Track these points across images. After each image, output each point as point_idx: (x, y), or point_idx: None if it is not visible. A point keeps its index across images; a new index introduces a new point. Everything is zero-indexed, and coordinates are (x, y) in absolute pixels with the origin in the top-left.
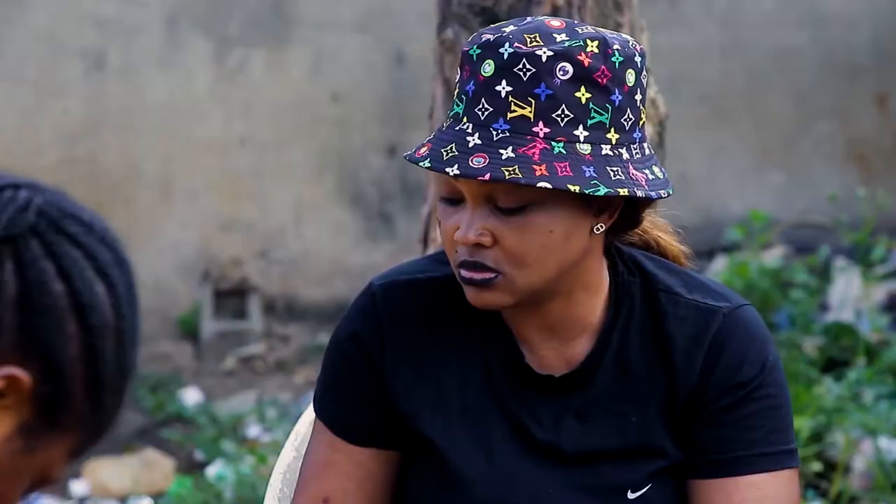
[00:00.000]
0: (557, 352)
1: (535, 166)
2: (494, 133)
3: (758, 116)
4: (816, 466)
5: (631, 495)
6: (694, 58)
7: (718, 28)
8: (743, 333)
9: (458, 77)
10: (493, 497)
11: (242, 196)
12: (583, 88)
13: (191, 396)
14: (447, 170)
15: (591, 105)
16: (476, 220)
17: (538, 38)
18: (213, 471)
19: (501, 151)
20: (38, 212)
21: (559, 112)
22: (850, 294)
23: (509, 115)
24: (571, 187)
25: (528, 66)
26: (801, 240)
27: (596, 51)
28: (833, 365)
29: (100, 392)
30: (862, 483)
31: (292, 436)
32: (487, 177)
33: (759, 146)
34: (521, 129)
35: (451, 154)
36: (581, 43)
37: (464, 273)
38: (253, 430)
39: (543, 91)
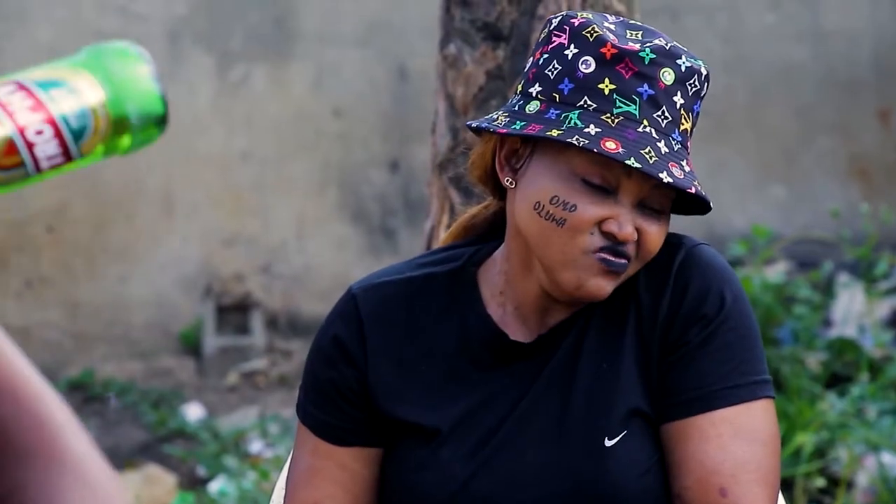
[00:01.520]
0: (546, 322)
1: (696, 183)
2: (673, 143)
3: (760, 131)
4: (820, 482)
5: (608, 442)
6: None
7: (720, 43)
8: (705, 267)
9: (590, 68)
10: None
11: (244, 211)
12: (700, 105)
13: (193, 412)
14: (661, 176)
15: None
16: (633, 216)
17: (687, 52)
18: (215, 486)
19: (682, 164)
20: None
21: (696, 127)
22: (853, 309)
23: (681, 127)
24: (711, 204)
25: (696, 82)
26: (803, 255)
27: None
28: (836, 380)
29: None
30: (865, 499)
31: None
32: (692, 191)
33: (761, 161)
34: (684, 142)
35: (654, 158)
36: (701, 61)
37: (608, 257)
38: (255, 446)
39: (697, 108)
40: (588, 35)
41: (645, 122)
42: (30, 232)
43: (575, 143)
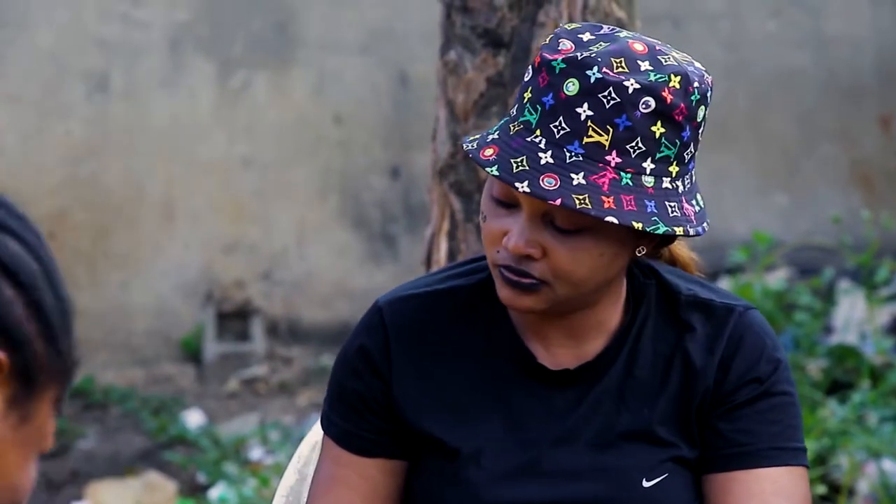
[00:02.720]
0: (573, 351)
1: (603, 197)
2: (568, 154)
3: (761, 138)
4: (821, 489)
5: (646, 483)
6: None
7: (722, 49)
8: (758, 330)
9: (528, 76)
10: (506, 495)
11: (245, 217)
12: (659, 123)
13: (193, 419)
14: (517, 185)
15: (663, 140)
16: (530, 232)
17: (624, 65)
18: (215, 493)
19: (573, 176)
20: None
21: (634, 144)
22: (854, 316)
23: (585, 140)
24: (635, 224)
25: (613, 94)
26: (804, 262)
27: (678, 87)
28: (837, 387)
29: (56, 338)
30: None
31: (295, 458)
32: (559, 202)
33: (762, 168)
34: (594, 155)
35: (521, 167)
36: (665, 78)
37: (506, 274)
38: (255, 453)
39: (623, 122)
40: (544, 43)
41: (538, 132)
42: None
43: (464, 146)
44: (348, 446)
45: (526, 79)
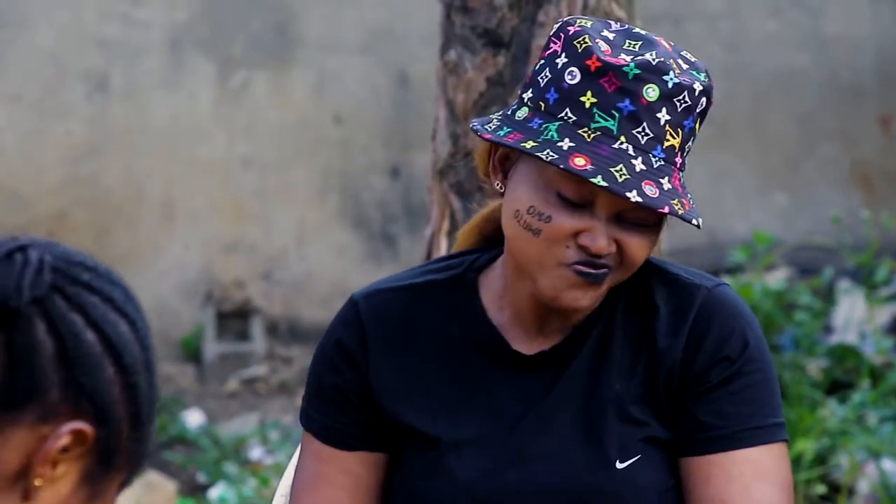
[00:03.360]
0: (548, 336)
1: (683, 200)
2: (653, 160)
3: (762, 138)
4: (821, 489)
5: (619, 465)
6: None
7: (722, 50)
8: (727, 309)
9: (575, 79)
10: (485, 483)
11: (245, 217)
12: (699, 122)
13: (193, 418)
14: (628, 195)
15: (692, 137)
16: (608, 230)
17: (681, 66)
18: (215, 493)
19: (661, 181)
20: (53, 268)
21: (690, 143)
22: (853, 316)
23: (665, 144)
24: (696, 222)
25: (686, 98)
26: (804, 261)
27: (711, 84)
28: (837, 387)
29: (141, 425)
30: None
31: (294, 458)
32: (666, 210)
33: (762, 168)
34: (670, 157)
35: (624, 176)
36: (706, 76)
37: (584, 269)
38: (255, 453)
39: (689, 124)
40: (578, 45)
41: (622, 139)
42: None
43: (544, 157)
44: (329, 441)
45: (572, 81)
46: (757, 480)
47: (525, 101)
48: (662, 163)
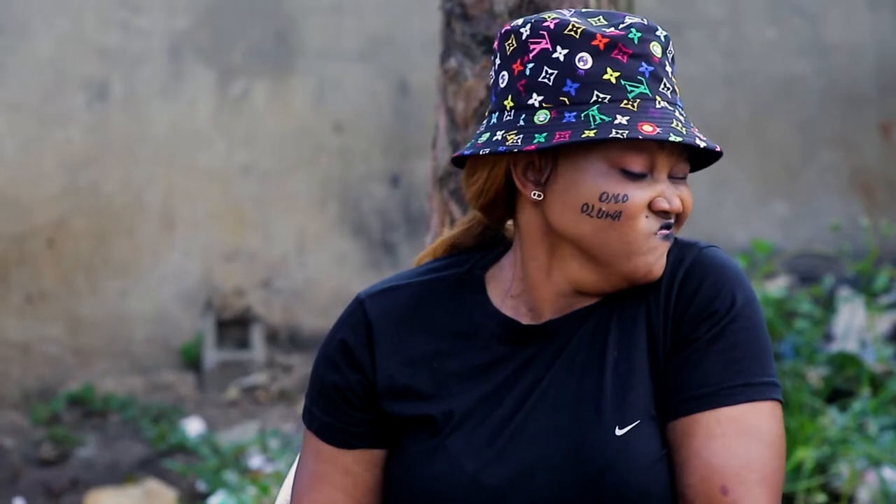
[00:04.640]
0: (562, 308)
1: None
2: (679, 110)
3: (762, 146)
4: (821, 498)
5: (619, 431)
6: (698, 88)
7: (722, 57)
8: (716, 268)
9: (587, 64)
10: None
11: (245, 225)
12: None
13: (193, 427)
14: (697, 143)
15: None
16: (673, 189)
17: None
18: (215, 501)
19: (693, 127)
20: None
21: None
22: (854, 324)
23: (678, 93)
24: (720, 148)
25: (671, 47)
26: (804, 269)
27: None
28: (837, 395)
29: None
30: None
31: (294, 466)
32: (719, 148)
33: (762, 176)
34: (681, 103)
35: (681, 129)
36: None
37: (667, 232)
38: (255, 461)
39: (674, 68)
40: (573, 33)
41: (658, 98)
42: (30, 246)
43: (620, 136)
44: (329, 439)
45: (586, 66)
46: (740, 438)
47: (536, 105)
48: (683, 110)
